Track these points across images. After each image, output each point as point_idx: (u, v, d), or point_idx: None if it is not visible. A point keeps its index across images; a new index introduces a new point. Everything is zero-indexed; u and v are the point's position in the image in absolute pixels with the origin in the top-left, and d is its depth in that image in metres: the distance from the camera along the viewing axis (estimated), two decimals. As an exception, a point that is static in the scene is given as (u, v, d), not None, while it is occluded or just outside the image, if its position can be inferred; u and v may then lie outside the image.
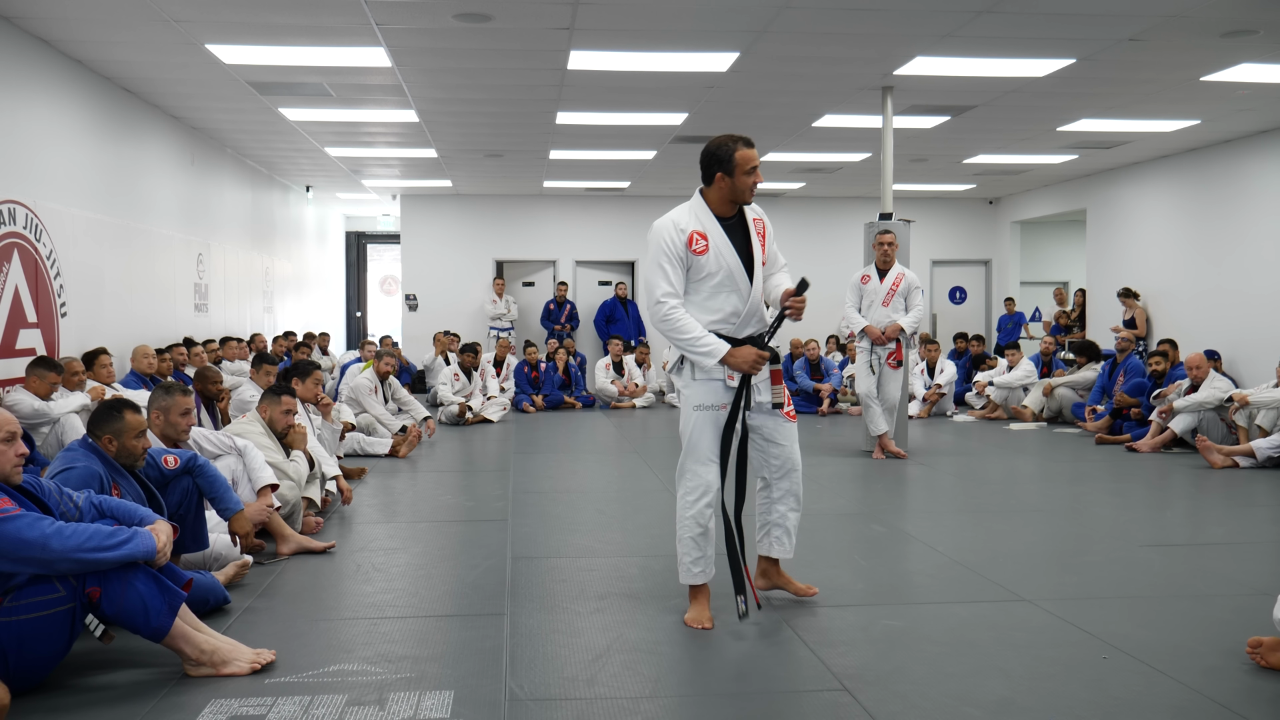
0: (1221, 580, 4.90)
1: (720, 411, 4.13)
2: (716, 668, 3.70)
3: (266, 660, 3.68)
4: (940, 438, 10.40)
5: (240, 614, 4.35)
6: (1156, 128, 11.29)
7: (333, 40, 7.70)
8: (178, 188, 11.04)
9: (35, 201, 7.56)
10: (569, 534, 5.89)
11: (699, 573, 4.19)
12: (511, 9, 7.00)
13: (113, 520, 3.66)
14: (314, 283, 18.55)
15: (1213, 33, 7.57)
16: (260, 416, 6.04)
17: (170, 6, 6.95)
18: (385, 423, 9.35)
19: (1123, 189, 14.42)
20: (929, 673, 3.59)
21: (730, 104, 10.01)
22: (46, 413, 6.78)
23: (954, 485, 7.70)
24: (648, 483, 7.60)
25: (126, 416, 4.26)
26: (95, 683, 3.58)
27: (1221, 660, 3.69)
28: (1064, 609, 4.33)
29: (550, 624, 4.18)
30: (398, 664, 3.71)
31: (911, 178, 15.39)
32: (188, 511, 4.50)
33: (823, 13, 7.13)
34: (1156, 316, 13.39)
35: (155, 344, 9.45)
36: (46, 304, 7.70)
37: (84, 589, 3.39)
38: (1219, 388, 9.04)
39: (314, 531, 5.86)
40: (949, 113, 10.49)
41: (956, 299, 18.38)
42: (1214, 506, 7.05)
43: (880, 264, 8.70)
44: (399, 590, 4.71)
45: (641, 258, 17.65)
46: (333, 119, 10.80)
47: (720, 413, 4.13)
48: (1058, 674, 3.58)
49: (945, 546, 5.52)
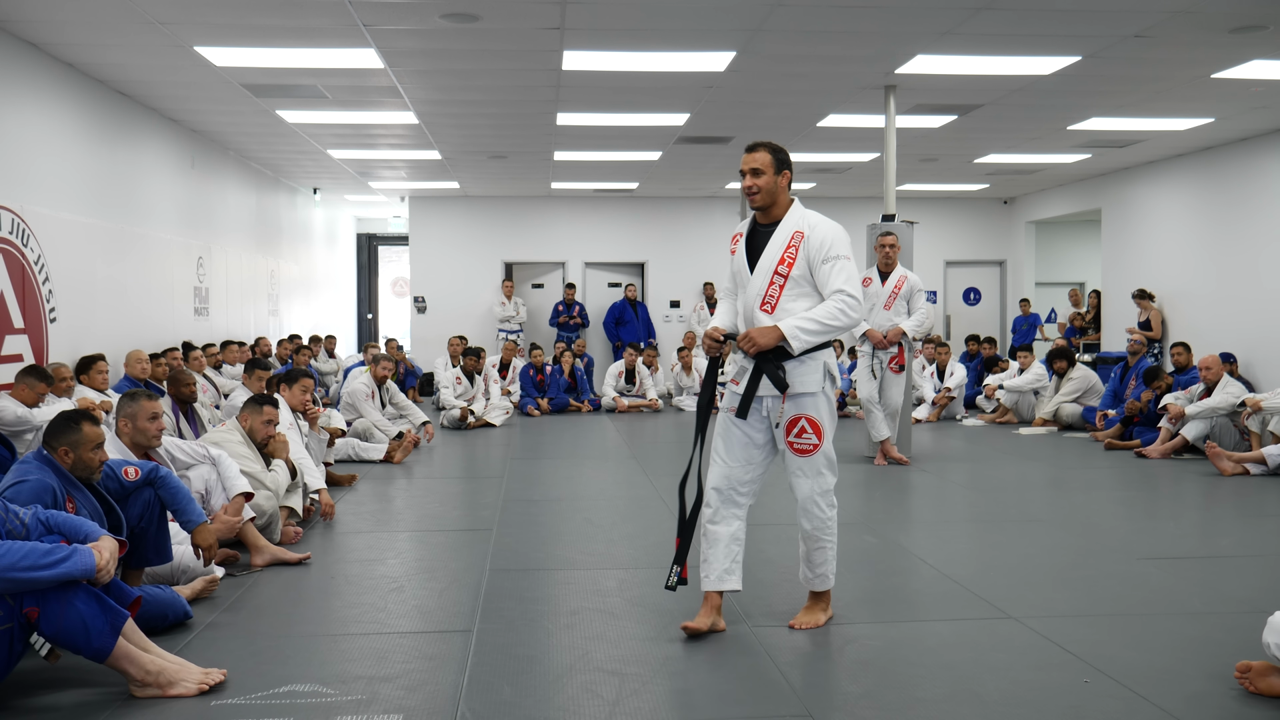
0: (1220, 596, 4.72)
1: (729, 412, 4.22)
2: (678, 690, 3.56)
3: (215, 681, 3.56)
4: (947, 442, 10.22)
5: (201, 629, 4.24)
6: (1169, 126, 11.07)
7: (321, 41, 7.61)
8: (177, 191, 10.99)
9: (22, 206, 7.50)
10: (552, 545, 5.77)
11: None
12: (499, 9, 6.89)
13: (59, 536, 3.55)
14: (323, 285, 18.52)
15: (1221, 28, 7.37)
16: (240, 425, 5.95)
17: (155, 9, 6.87)
18: (381, 428, 9.25)
19: (1138, 188, 14.18)
20: (899, 698, 3.44)
21: (732, 104, 9.87)
22: (29, 420, 6.70)
23: (954, 493, 7.53)
24: (641, 490, 7.47)
25: (84, 428, 4.15)
26: (38, 703, 3.48)
27: (1208, 685, 3.52)
28: (1050, 627, 4.17)
29: (515, 641, 4.05)
30: (350, 685, 3.59)
31: (923, 178, 15.20)
32: (149, 524, 4.38)
33: (816, 10, 6.97)
34: (1172, 318, 13.14)
35: (152, 348, 9.39)
36: (34, 309, 7.64)
37: (21, 609, 3.28)
38: (1232, 392, 8.82)
39: (293, 542, 5.76)
40: (955, 112, 10.31)
41: (970, 300, 18.16)
42: (1221, 516, 6.86)
43: (882, 266, 8.54)
44: (366, 605, 4.60)
45: (650, 259, 17.53)
46: (332, 121, 10.73)
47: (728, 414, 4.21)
48: (1034, 699, 3.42)
49: (936, 559, 5.36)
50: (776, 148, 4.14)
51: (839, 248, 4.03)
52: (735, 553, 4.16)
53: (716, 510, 4.18)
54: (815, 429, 4.07)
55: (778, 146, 4.16)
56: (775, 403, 4.08)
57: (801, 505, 4.17)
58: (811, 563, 4.22)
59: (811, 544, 4.19)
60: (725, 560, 4.14)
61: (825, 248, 4.02)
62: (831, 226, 4.11)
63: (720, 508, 4.17)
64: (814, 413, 4.08)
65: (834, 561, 4.24)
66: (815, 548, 4.19)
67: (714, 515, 4.18)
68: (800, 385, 4.05)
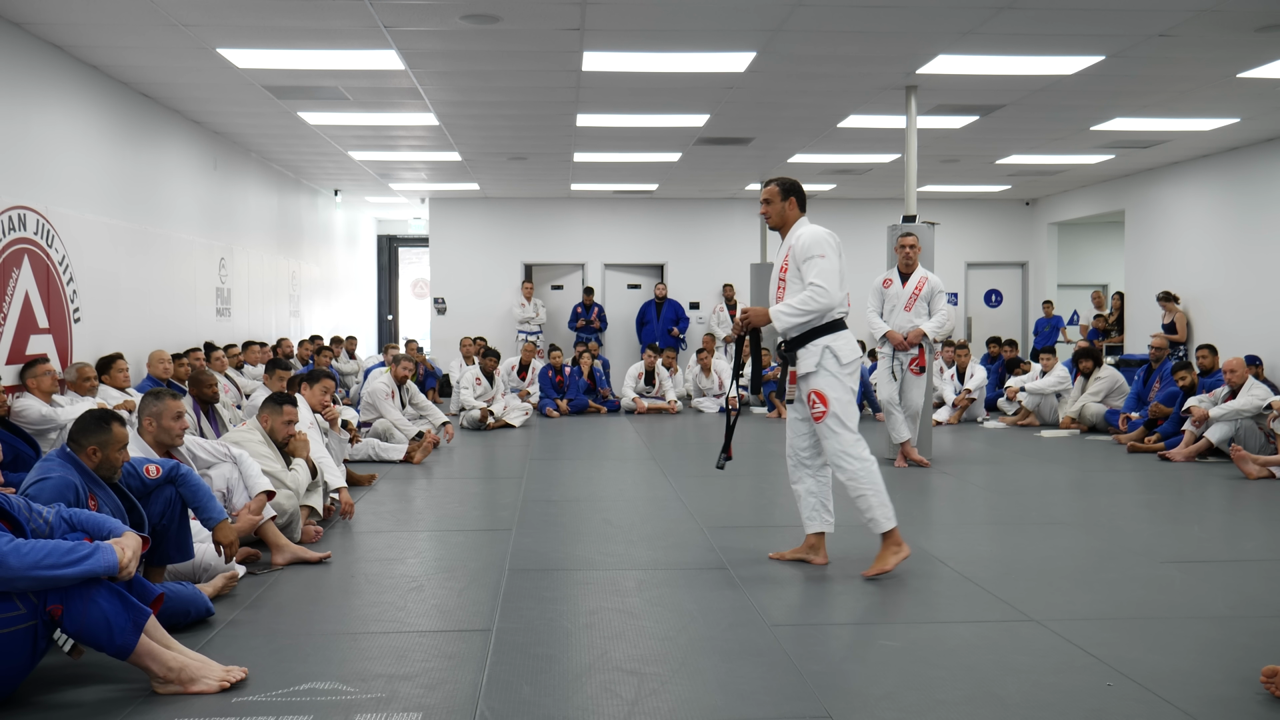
0: (1244, 600, 4.67)
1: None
2: (697, 689, 3.54)
3: (236, 678, 3.58)
4: (968, 445, 10.16)
5: (223, 627, 4.26)
6: (1194, 126, 10.98)
7: (342, 43, 7.64)
8: (199, 192, 11.06)
9: (47, 207, 7.56)
10: (571, 545, 5.77)
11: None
12: (520, 10, 6.90)
13: (82, 534, 3.57)
14: (343, 286, 18.60)
15: (1246, 27, 7.31)
16: (260, 425, 5.97)
17: (178, 10, 6.92)
18: (401, 428, 9.27)
19: (1162, 189, 14.07)
20: (919, 700, 3.42)
21: (752, 105, 9.86)
22: (54, 418, 6.76)
23: (975, 495, 7.49)
24: (661, 491, 7.46)
25: (114, 429, 4.19)
26: (61, 699, 3.50)
27: (1234, 689, 3.48)
28: (1072, 630, 4.13)
29: (534, 641, 4.05)
30: (371, 683, 3.59)
31: (944, 179, 15.13)
32: (171, 521, 4.41)
33: (837, 10, 6.95)
34: (1197, 321, 13.04)
35: (175, 349, 9.46)
36: (58, 309, 7.70)
37: (45, 606, 3.30)
38: (1257, 395, 8.73)
39: (313, 541, 5.77)
40: (977, 112, 10.26)
41: (992, 302, 18.07)
42: (1245, 520, 6.79)
43: (902, 267, 8.50)
44: (386, 604, 4.61)
45: (670, 260, 17.52)
46: (353, 123, 10.77)
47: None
48: (1056, 702, 3.39)
49: (957, 561, 5.33)
50: (784, 180, 5.14)
51: (815, 249, 4.92)
52: (813, 504, 5.16)
53: (791, 471, 5.23)
54: (821, 399, 4.97)
55: (785, 179, 5.15)
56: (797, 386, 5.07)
57: (830, 461, 5.04)
58: (859, 509, 5.01)
59: (851, 493, 4.99)
60: (807, 510, 5.18)
61: (805, 250, 4.94)
62: (812, 233, 4.99)
63: (793, 469, 5.22)
64: (817, 385, 4.98)
65: (882, 507, 4.94)
66: (855, 496, 4.98)
67: (790, 475, 5.24)
68: (803, 367, 5.01)
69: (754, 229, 16.24)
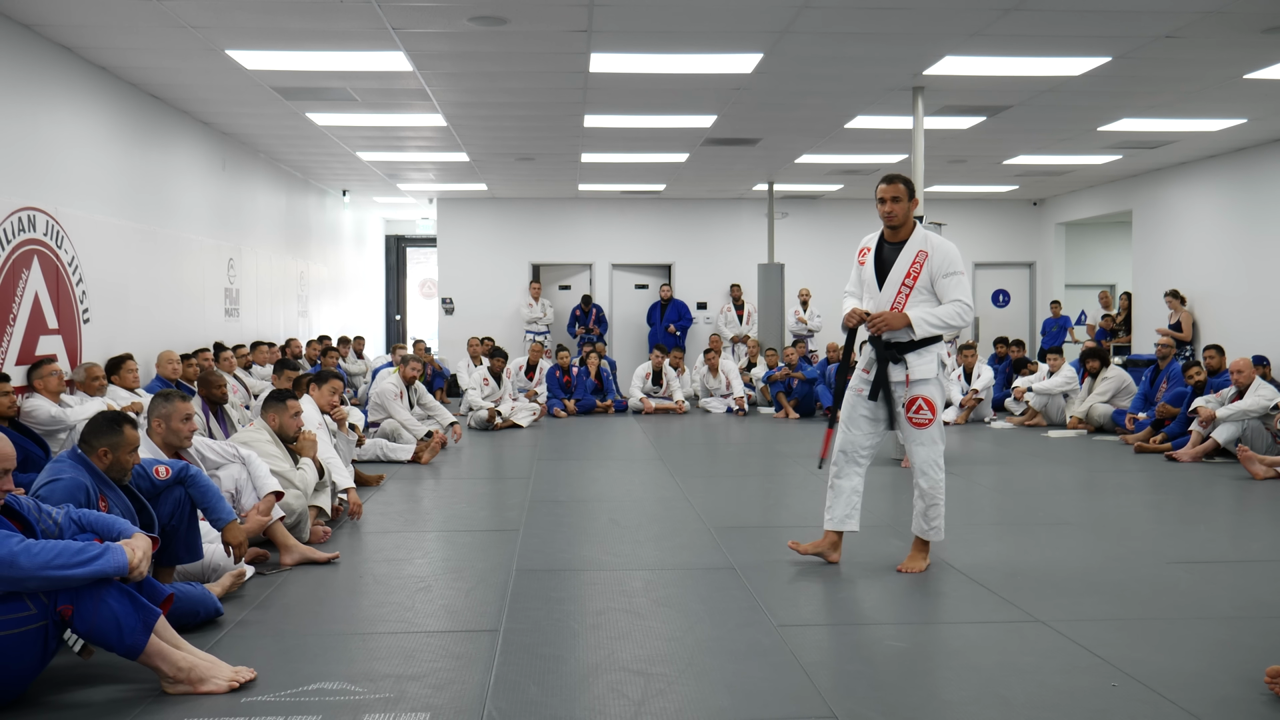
0: (1250, 601, 4.67)
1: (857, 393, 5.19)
2: (703, 690, 3.56)
3: (245, 678, 3.60)
4: (975, 445, 10.16)
5: (232, 627, 4.29)
6: (1201, 127, 10.97)
7: (351, 45, 7.67)
8: (208, 193, 11.10)
9: (56, 208, 7.60)
10: (578, 545, 5.78)
11: None
12: (527, 12, 6.92)
13: (92, 534, 3.60)
14: (351, 286, 18.64)
15: (1253, 29, 7.30)
16: (268, 424, 6.00)
17: (186, 12, 6.95)
18: (410, 428, 9.30)
19: (1169, 190, 14.05)
20: (925, 700, 3.44)
21: (759, 106, 9.87)
22: (63, 419, 6.80)
23: (982, 496, 7.49)
24: (668, 492, 7.47)
25: (125, 431, 4.22)
26: (71, 699, 3.53)
27: (1238, 690, 3.49)
28: (1078, 631, 4.14)
29: (542, 641, 4.07)
30: (379, 683, 3.62)
31: (952, 179, 15.12)
32: (180, 522, 4.45)
33: (844, 12, 6.96)
34: (1204, 320, 13.02)
35: (184, 349, 9.49)
36: (68, 310, 7.74)
37: (55, 606, 3.33)
38: (1264, 395, 8.72)
39: (321, 541, 5.80)
40: (984, 113, 10.26)
41: (1000, 302, 18.05)
42: (1252, 521, 6.78)
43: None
44: (394, 604, 4.63)
45: (677, 260, 17.54)
46: (361, 123, 10.81)
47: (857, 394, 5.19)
48: (1061, 703, 3.40)
49: (963, 562, 5.33)
50: (909, 180, 5.02)
51: (958, 264, 4.95)
52: (854, 502, 5.20)
53: (841, 468, 5.18)
54: (930, 406, 5.01)
55: (909, 179, 5.07)
56: (900, 387, 5.02)
57: (919, 468, 5.07)
58: (927, 517, 5.09)
59: (928, 500, 5.07)
60: (846, 508, 5.19)
61: (949, 265, 4.93)
62: (950, 247, 4.99)
63: (844, 466, 5.17)
64: (927, 393, 5.00)
65: (944, 518, 5.12)
66: (931, 504, 5.07)
67: (839, 472, 5.19)
68: (919, 373, 4.98)
69: (761, 229, 16.24)
